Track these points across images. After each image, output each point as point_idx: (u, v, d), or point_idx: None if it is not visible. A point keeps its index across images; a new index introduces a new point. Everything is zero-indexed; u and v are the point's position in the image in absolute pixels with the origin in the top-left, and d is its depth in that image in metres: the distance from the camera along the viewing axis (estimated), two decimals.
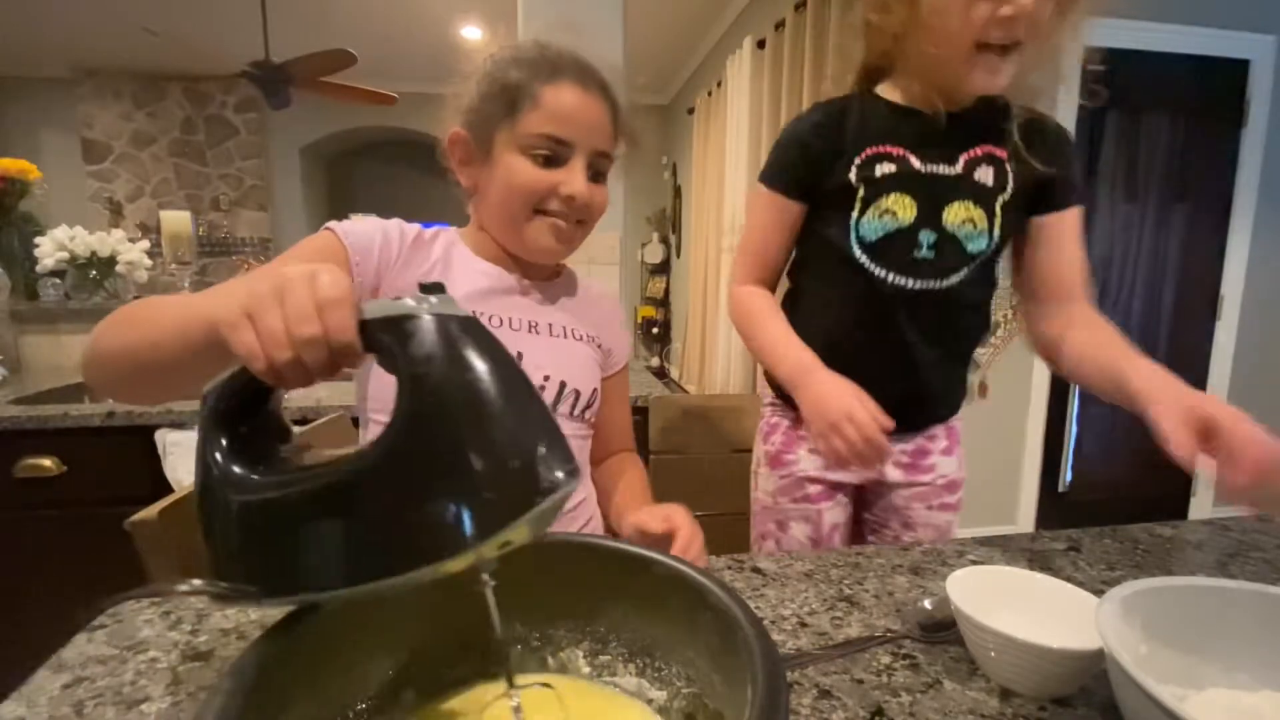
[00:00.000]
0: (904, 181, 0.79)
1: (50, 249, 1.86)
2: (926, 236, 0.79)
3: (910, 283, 0.80)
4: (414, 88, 4.94)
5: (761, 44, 3.29)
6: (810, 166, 0.82)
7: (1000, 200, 0.79)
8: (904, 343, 0.83)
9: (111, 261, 1.96)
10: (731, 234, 3.64)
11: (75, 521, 1.34)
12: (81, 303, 1.91)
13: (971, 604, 0.47)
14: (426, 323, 0.31)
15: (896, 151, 0.79)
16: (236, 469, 0.34)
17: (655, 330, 5.96)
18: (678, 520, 0.62)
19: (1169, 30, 2.47)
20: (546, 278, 0.80)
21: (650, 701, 0.41)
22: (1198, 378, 2.73)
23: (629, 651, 0.43)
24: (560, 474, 0.31)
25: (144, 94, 4.96)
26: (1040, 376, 2.63)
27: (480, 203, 0.75)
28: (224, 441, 0.35)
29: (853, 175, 0.80)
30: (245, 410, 0.37)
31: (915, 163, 0.79)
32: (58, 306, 1.89)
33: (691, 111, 4.85)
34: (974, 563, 0.67)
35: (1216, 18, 2.49)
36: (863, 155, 0.80)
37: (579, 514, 0.76)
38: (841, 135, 0.81)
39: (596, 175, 0.72)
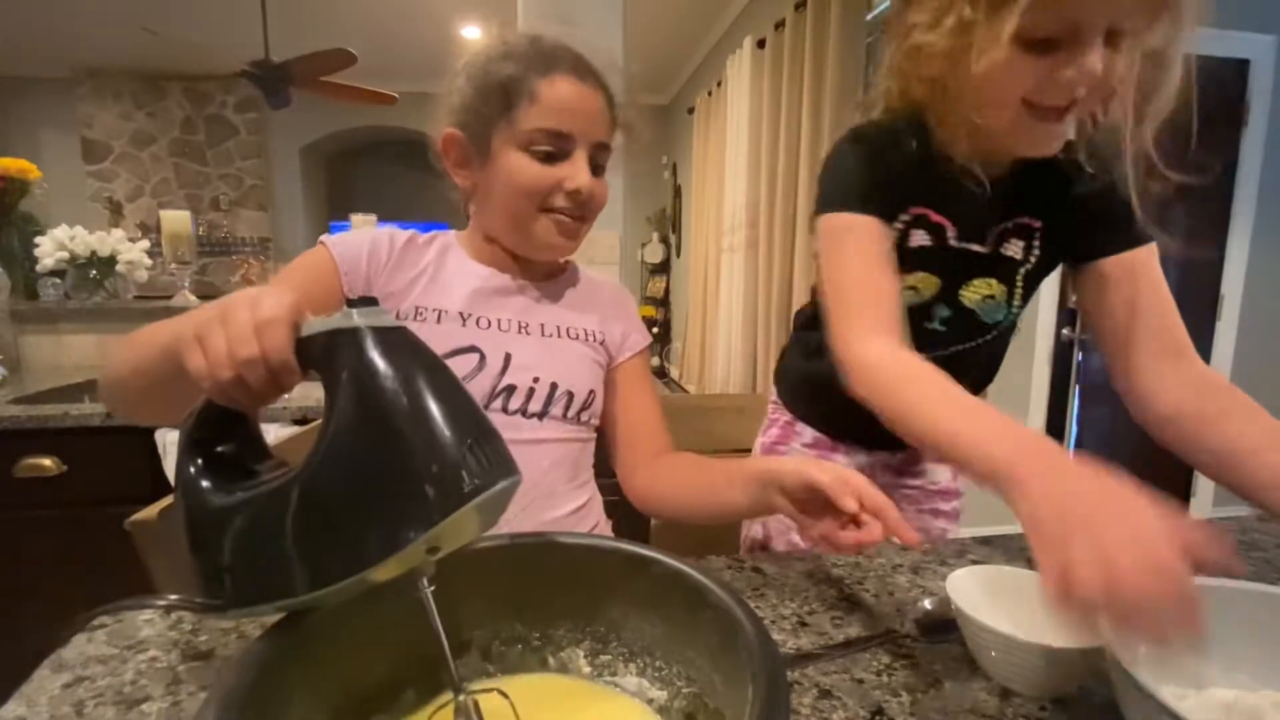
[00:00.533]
0: (934, 258, 0.72)
1: (50, 249, 1.87)
2: (940, 311, 0.75)
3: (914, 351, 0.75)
4: (414, 87, 4.94)
5: (761, 44, 3.29)
6: (889, 191, 0.68)
7: (1023, 271, 0.74)
8: None
9: (111, 261, 1.96)
10: (732, 234, 3.64)
11: (75, 521, 1.34)
12: (81, 302, 1.91)
13: (971, 604, 0.47)
14: (351, 336, 0.32)
15: (938, 219, 0.71)
16: (204, 485, 0.36)
17: (655, 330, 5.97)
18: (868, 496, 0.50)
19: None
20: (545, 276, 0.79)
21: (651, 701, 0.41)
22: None
23: (629, 651, 0.43)
24: (485, 478, 0.32)
25: (144, 94, 4.97)
26: (1040, 376, 2.63)
27: (481, 204, 0.74)
28: (198, 461, 0.36)
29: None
30: (221, 432, 0.38)
31: (951, 237, 0.71)
32: (58, 306, 1.89)
33: (691, 111, 4.85)
34: (974, 562, 0.67)
35: (1216, 18, 2.48)
36: (909, 212, 0.71)
37: (584, 518, 0.76)
38: (902, 172, 0.68)
39: (597, 168, 0.71)
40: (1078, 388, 2.67)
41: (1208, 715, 0.40)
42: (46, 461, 1.32)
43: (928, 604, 0.55)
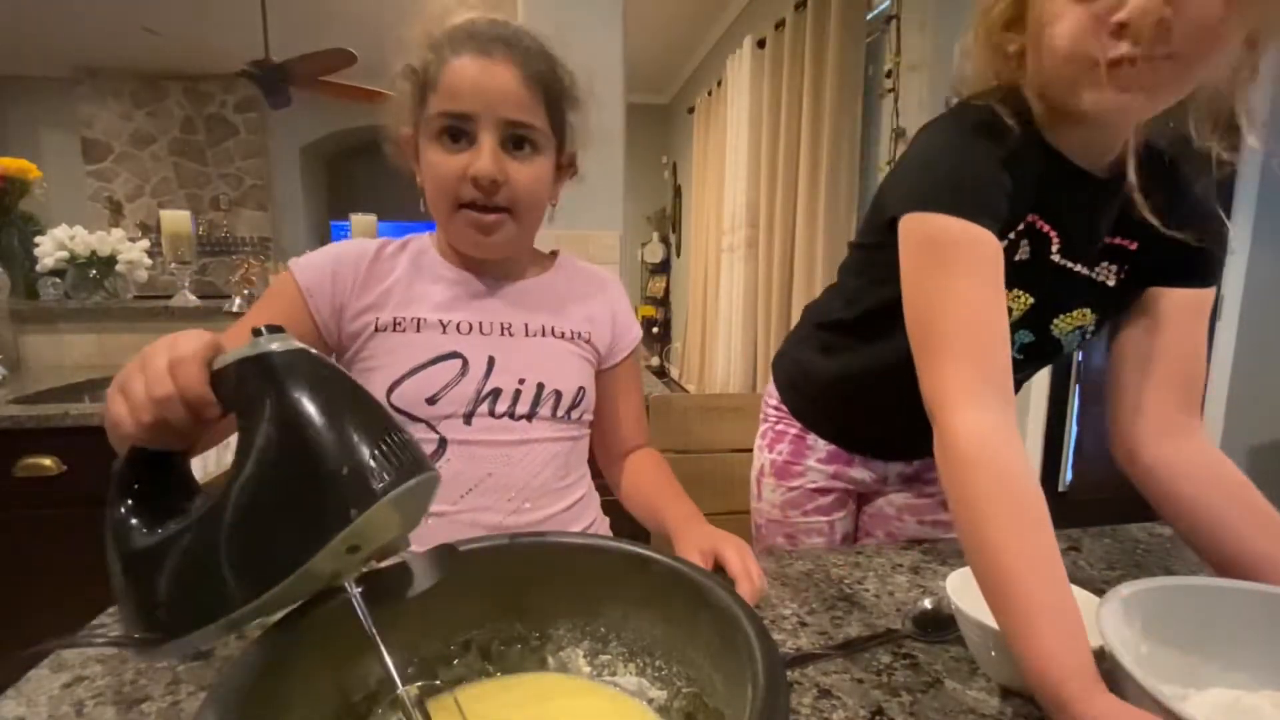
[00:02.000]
0: (1033, 274, 0.63)
1: (50, 248, 1.87)
2: (1022, 336, 0.67)
3: None
4: None
5: (762, 43, 3.29)
6: (1012, 198, 0.57)
7: (1110, 297, 0.66)
8: None
9: (111, 261, 1.96)
10: (732, 233, 3.64)
11: (75, 521, 1.34)
12: (81, 302, 1.91)
13: (971, 604, 0.47)
14: (257, 363, 0.35)
15: (1045, 229, 0.61)
16: (132, 524, 0.37)
17: (655, 330, 5.97)
18: (726, 556, 0.58)
19: None
20: (525, 273, 0.76)
21: (651, 701, 0.41)
22: None
23: (629, 651, 0.43)
24: (395, 476, 0.33)
25: (144, 94, 4.97)
26: (1040, 376, 2.63)
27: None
28: (127, 503, 0.38)
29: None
30: (151, 474, 0.39)
31: (1055, 251, 0.62)
32: (58, 306, 1.89)
33: (691, 111, 4.85)
34: None
35: None
36: (1024, 222, 0.61)
37: (580, 514, 0.75)
38: (1027, 173, 0.58)
39: (517, 147, 0.65)
40: (1078, 387, 2.67)
41: (1208, 715, 0.40)
42: (46, 461, 1.32)
43: (928, 604, 0.55)
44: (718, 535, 0.61)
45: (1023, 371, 0.71)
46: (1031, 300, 0.64)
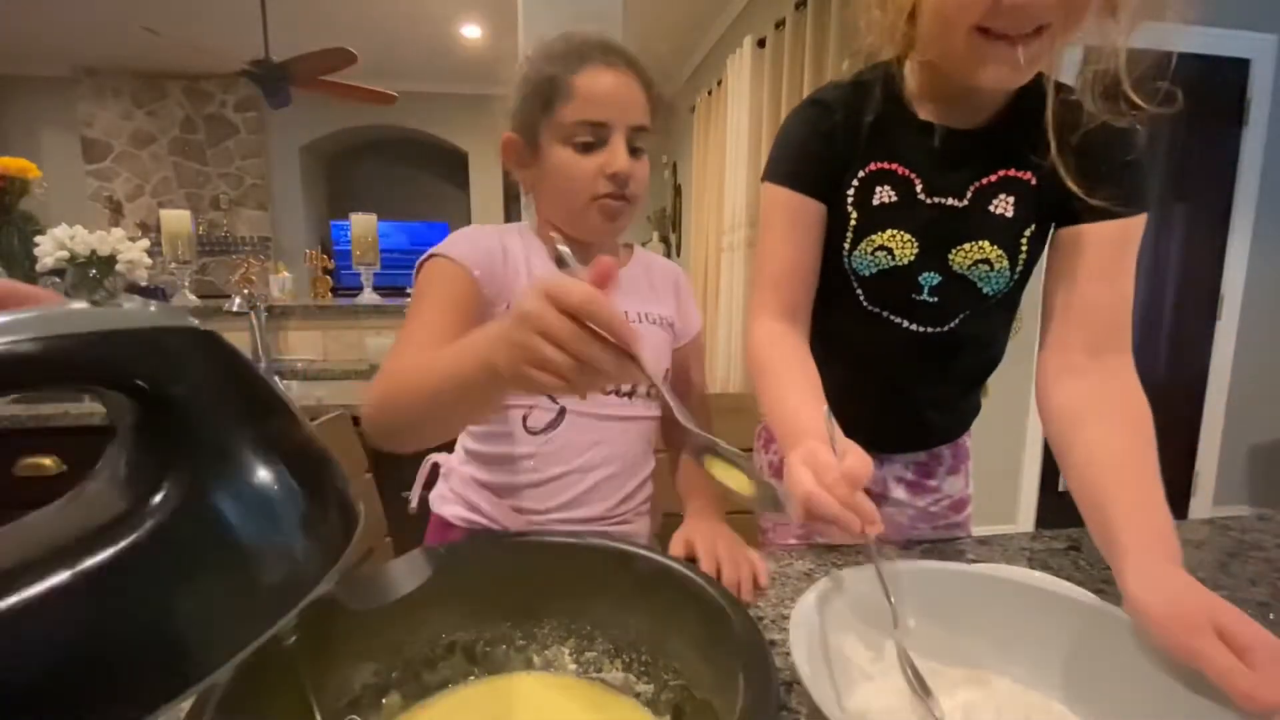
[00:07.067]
0: (904, 214, 0.67)
1: (50, 248, 1.86)
2: (929, 279, 0.69)
3: (907, 324, 0.72)
4: (414, 87, 4.93)
5: (762, 43, 3.29)
6: (828, 160, 0.68)
7: (1027, 233, 0.66)
8: (899, 381, 0.76)
9: (111, 260, 1.96)
10: (732, 233, 3.64)
11: None
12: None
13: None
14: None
15: (902, 172, 0.67)
16: None
17: None
18: (696, 549, 0.64)
19: (1169, 29, 2.46)
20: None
21: (638, 695, 0.41)
22: (1198, 378, 2.73)
23: (615, 647, 0.43)
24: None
25: (144, 93, 4.97)
26: None
27: (540, 199, 0.78)
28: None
29: (850, 196, 0.69)
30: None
31: (920, 190, 0.67)
32: None
33: (692, 110, 4.85)
34: (974, 562, 0.67)
35: (1216, 17, 2.48)
36: (866, 170, 0.68)
37: (649, 483, 0.83)
38: (855, 132, 0.67)
39: (635, 150, 0.74)
40: None
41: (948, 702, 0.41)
42: (46, 461, 1.32)
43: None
44: (696, 529, 0.67)
45: (952, 317, 0.71)
46: (914, 240, 0.67)
